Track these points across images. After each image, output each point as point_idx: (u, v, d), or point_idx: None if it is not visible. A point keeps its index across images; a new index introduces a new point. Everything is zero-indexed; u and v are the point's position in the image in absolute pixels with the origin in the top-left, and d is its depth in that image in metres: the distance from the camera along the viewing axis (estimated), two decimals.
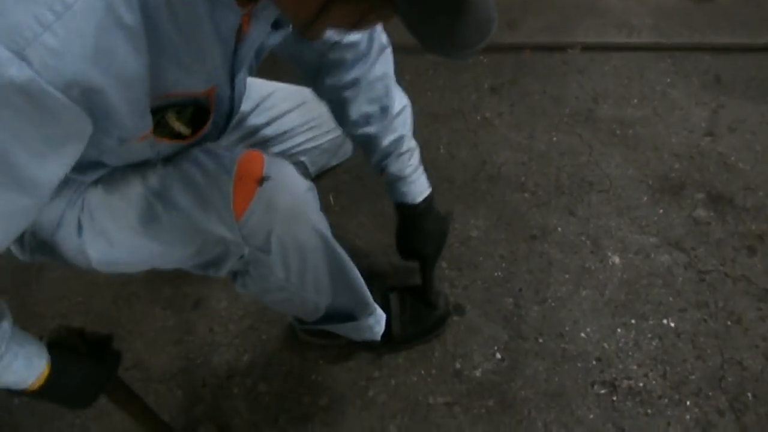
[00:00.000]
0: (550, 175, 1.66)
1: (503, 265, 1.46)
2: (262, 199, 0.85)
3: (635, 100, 1.87)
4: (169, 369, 1.35)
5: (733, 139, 1.71)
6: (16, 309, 1.46)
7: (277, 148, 1.20)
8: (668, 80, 1.92)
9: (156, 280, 1.51)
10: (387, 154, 1.09)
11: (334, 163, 1.33)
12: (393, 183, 1.13)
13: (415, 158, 1.13)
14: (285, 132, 1.20)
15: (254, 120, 1.17)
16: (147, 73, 0.63)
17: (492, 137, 1.80)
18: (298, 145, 1.22)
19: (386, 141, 1.08)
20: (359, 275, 1.09)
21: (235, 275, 1.00)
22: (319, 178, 1.30)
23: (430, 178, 1.17)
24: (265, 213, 0.86)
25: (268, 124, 1.18)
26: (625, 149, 1.72)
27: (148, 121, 0.72)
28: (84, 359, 0.85)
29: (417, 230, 1.17)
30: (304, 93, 1.19)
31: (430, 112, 1.89)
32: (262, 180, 0.86)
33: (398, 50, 1.10)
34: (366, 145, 1.11)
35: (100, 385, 0.87)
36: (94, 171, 0.87)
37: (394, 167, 1.10)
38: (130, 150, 0.79)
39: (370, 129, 1.07)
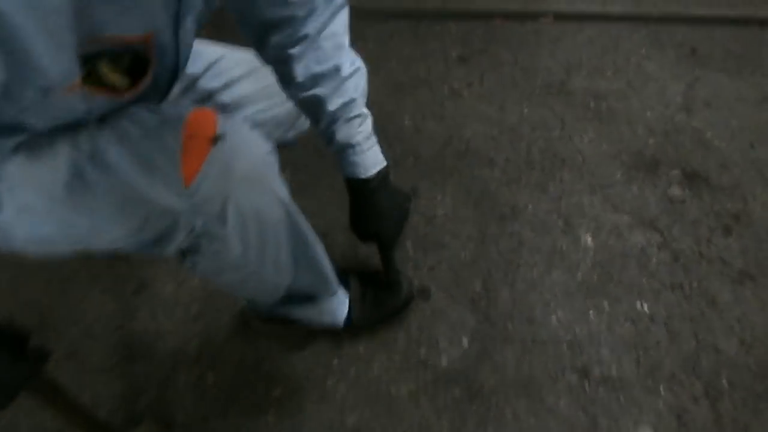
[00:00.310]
0: (521, 151, 1.62)
1: (471, 245, 1.42)
2: (216, 160, 0.77)
3: (609, 73, 1.83)
4: (108, 359, 1.27)
5: (708, 115, 1.69)
6: None
7: None
8: (643, 52, 1.89)
9: (93, 261, 1.41)
10: (335, 118, 1.00)
11: (290, 136, 1.25)
12: (342, 152, 1.04)
13: (367, 126, 1.04)
14: (238, 99, 1.12)
15: (205, 84, 1.08)
16: (67, 4, 0.55)
17: (460, 109, 1.74)
18: (252, 115, 1.14)
19: (335, 104, 0.99)
20: (323, 251, 1.03)
21: (183, 254, 0.91)
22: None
23: (394, 151, 1.11)
24: (220, 177, 0.78)
25: (220, 89, 1.10)
26: (599, 124, 1.68)
27: (75, 68, 0.63)
28: (1, 356, 0.76)
29: (372, 208, 1.07)
30: (256, 59, 1.11)
31: (395, 82, 1.82)
32: (215, 139, 0.78)
33: (362, 16, 1.03)
34: (313, 109, 1.02)
35: (17, 386, 0.78)
36: (13, 135, 0.77)
37: (342, 133, 1.01)
38: (56, 106, 0.70)
39: (318, 91, 0.98)
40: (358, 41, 1.01)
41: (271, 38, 0.96)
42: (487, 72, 1.85)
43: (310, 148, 1.58)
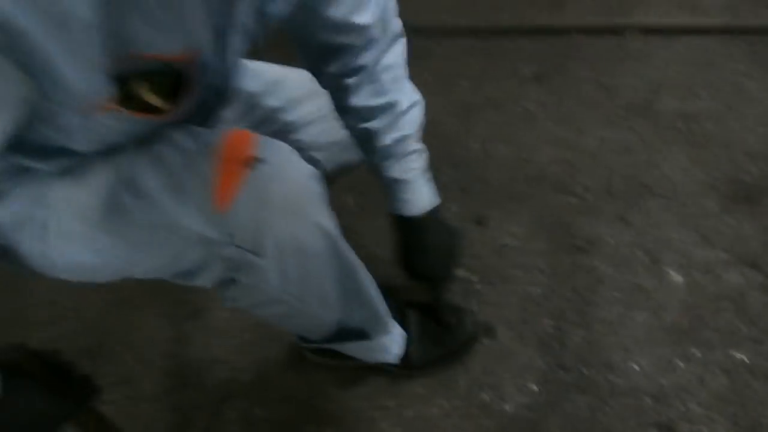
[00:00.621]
0: (601, 177, 1.54)
1: (543, 280, 1.35)
2: (252, 186, 0.75)
3: (703, 92, 1.72)
4: (160, 387, 1.27)
5: None
6: (4, 313, 1.42)
7: (288, 140, 1.10)
8: (742, 68, 1.77)
9: (152, 284, 1.42)
10: (388, 154, 1.00)
11: (353, 160, 1.23)
12: (393, 188, 1.03)
13: (421, 162, 1.03)
14: (302, 119, 1.11)
15: (267, 103, 1.08)
16: (96, 20, 0.54)
17: (534, 132, 1.68)
18: (313, 138, 1.12)
19: (389, 139, 0.98)
20: (374, 286, 0.99)
21: (221, 286, 0.90)
22: (337, 176, 1.21)
23: (461, 177, 1.07)
24: (257, 204, 0.75)
25: (283, 108, 1.09)
26: (691, 148, 1.58)
27: (106, 87, 0.62)
28: (42, 389, 0.76)
29: (421, 246, 1.07)
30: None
31: (464, 102, 1.78)
32: (252, 162, 0.75)
33: (430, 33, 1.00)
34: (365, 141, 1.01)
35: (59, 421, 0.78)
36: (59, 159, 0.78)
37: (394, 170, 1.00)
38: (94, 128, 0.69)
39: (372, 124, 0.97)
40: (426, 59, 0.99)
41: (329, 65, 0.95)
42: (563, 91, 1.78)
43: None
